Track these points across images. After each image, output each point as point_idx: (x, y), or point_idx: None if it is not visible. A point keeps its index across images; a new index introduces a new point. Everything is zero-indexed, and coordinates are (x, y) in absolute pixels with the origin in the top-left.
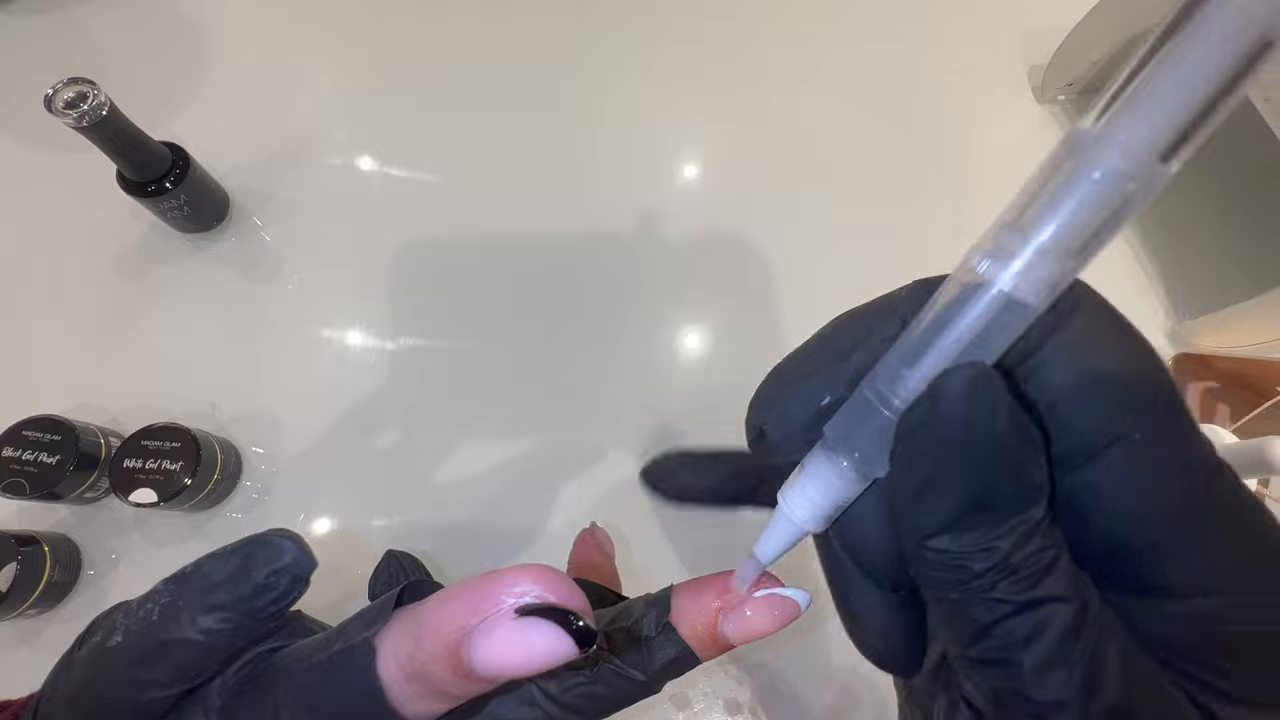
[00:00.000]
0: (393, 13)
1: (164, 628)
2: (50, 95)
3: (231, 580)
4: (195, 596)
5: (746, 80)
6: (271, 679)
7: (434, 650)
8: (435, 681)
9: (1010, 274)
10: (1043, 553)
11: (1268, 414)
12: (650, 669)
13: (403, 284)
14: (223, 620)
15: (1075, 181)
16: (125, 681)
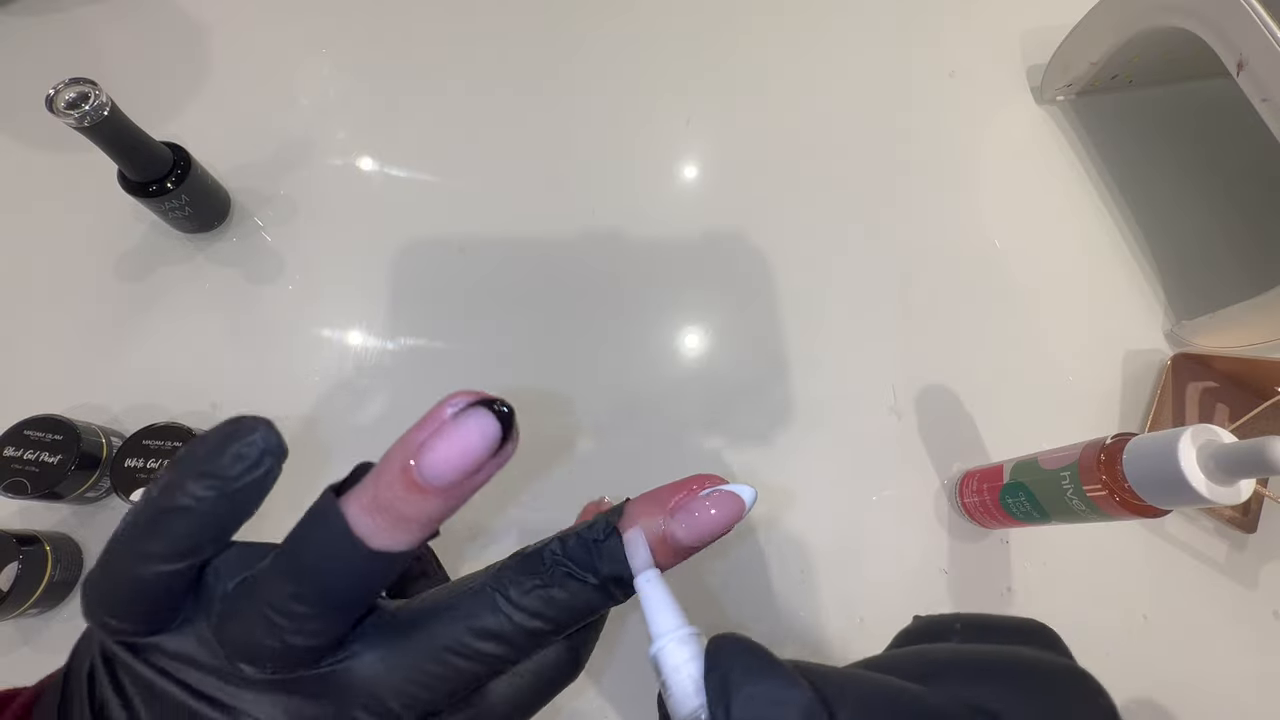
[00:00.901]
0: (393, 13)
1: (163, 499)
2: (51, 95)
3: (211, 453)
4: (184, 469)
5: (745, 79)
6: (256, 576)
7: (390, 479)
8: (395, 507)
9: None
10: None
11: (1267, 414)
12: (600, 572)
13: (403, 284)
14: (208, 487)
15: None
16: (132, 555)
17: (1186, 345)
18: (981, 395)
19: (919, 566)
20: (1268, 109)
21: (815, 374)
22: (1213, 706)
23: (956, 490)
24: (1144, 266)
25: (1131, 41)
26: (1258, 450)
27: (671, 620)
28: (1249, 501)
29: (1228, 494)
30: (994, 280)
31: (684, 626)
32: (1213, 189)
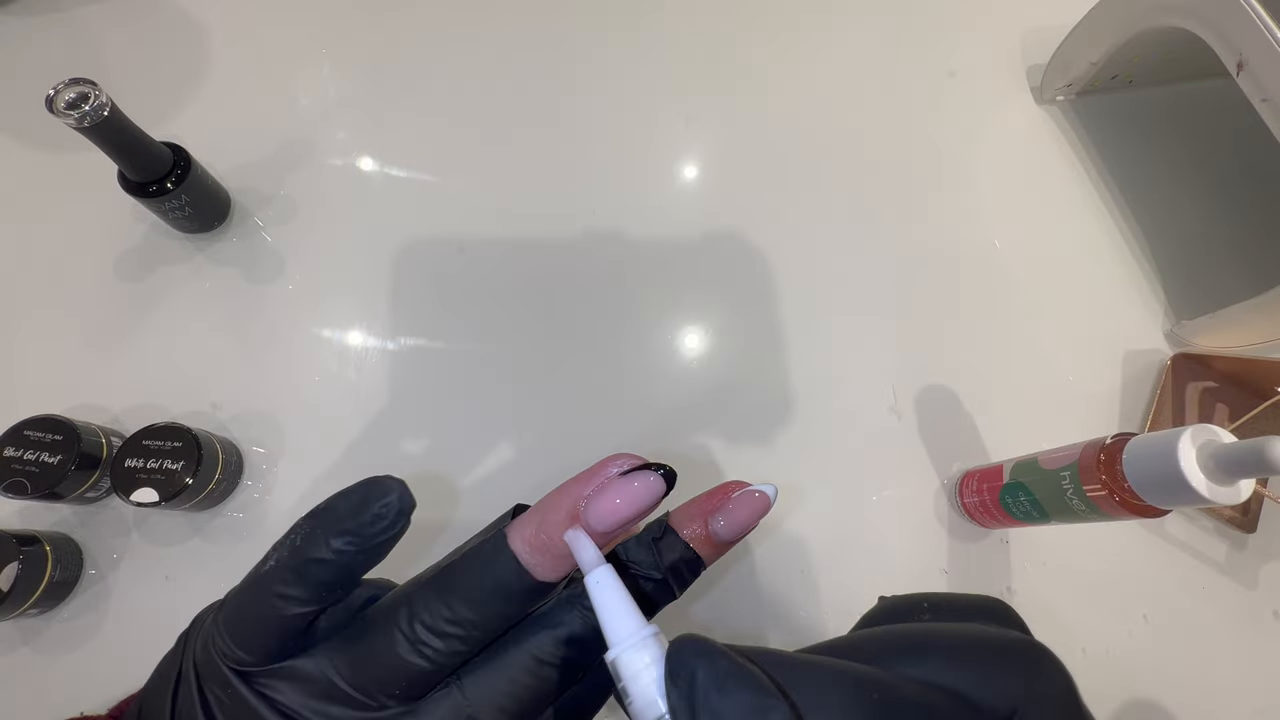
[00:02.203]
0: (393, 13)
1: (306, 550)
2: (51, 96)
3: (353, 511)
4: (328, 524)
5: (745, 80)
6: (392, 597)
7: (556, 521)
8: (557, 547)
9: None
10: None
11: (1267, 414)
12: (663, 566)
13: (403, 284)
14: (349, 543)
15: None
16: (273, 596)
17: (1186, 345)
18: (981, 395)
19: (919, 566)
20: (1268, 109)
21: (815, 374)
22: (1212, 706)
23: (956, 490)
24: (1144, 266)
25: (1131, 41)
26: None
27: (627, 623)
28: (1249, 501)
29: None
30: (994, 280)
31: (642, 628)
32: (1213, 189)
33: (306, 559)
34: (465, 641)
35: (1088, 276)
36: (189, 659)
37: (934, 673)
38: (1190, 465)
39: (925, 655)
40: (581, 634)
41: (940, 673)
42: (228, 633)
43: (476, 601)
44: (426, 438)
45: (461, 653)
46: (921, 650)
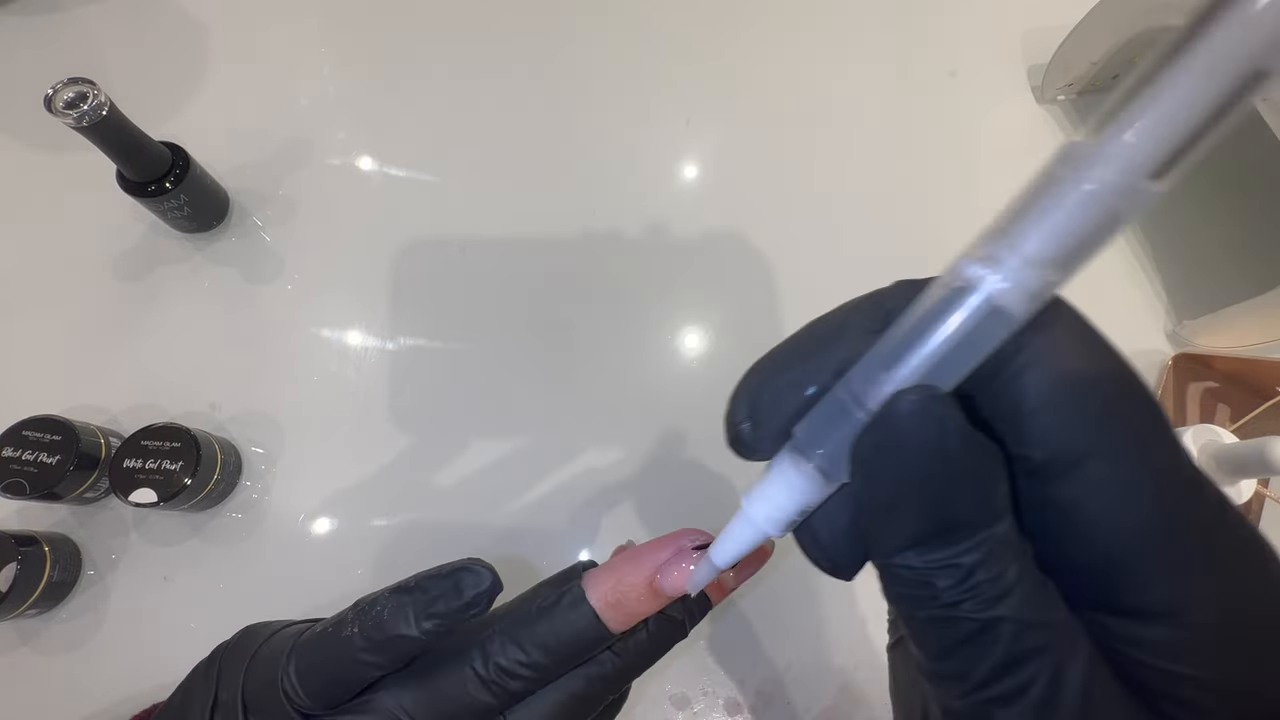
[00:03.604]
0: (393, 13)
1: (394, 625)
2: (50, 95)
3: (446, 596)
4: (419, 605)
5: (745, 79)
6: (461, 638)
7: (634, 583)
8: (630, 605)
9: (997, 282)
10: (1008, 569)
11: (1268, 414)
12: (681, 607)
13: (403, 284)
14: (438, 624)
15: (1066, 193)
16: (356, 662)
17: (1187, 345)
18: None
19: None
20: (1268, 109)
21: None
22: None
23: None
24: (1145, 266)
25: (1132, 41)
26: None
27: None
28: (1250, 502)
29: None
30: None
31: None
32: (1213, 189)
33: (392, 635)
34: (534, 683)
35: (1088, 276)
36: (232, 687)
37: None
38: None
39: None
40: (610, 673)
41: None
42: (300, 683)
43: (552, 649)
44: (426, 438)
45: (527, 692)
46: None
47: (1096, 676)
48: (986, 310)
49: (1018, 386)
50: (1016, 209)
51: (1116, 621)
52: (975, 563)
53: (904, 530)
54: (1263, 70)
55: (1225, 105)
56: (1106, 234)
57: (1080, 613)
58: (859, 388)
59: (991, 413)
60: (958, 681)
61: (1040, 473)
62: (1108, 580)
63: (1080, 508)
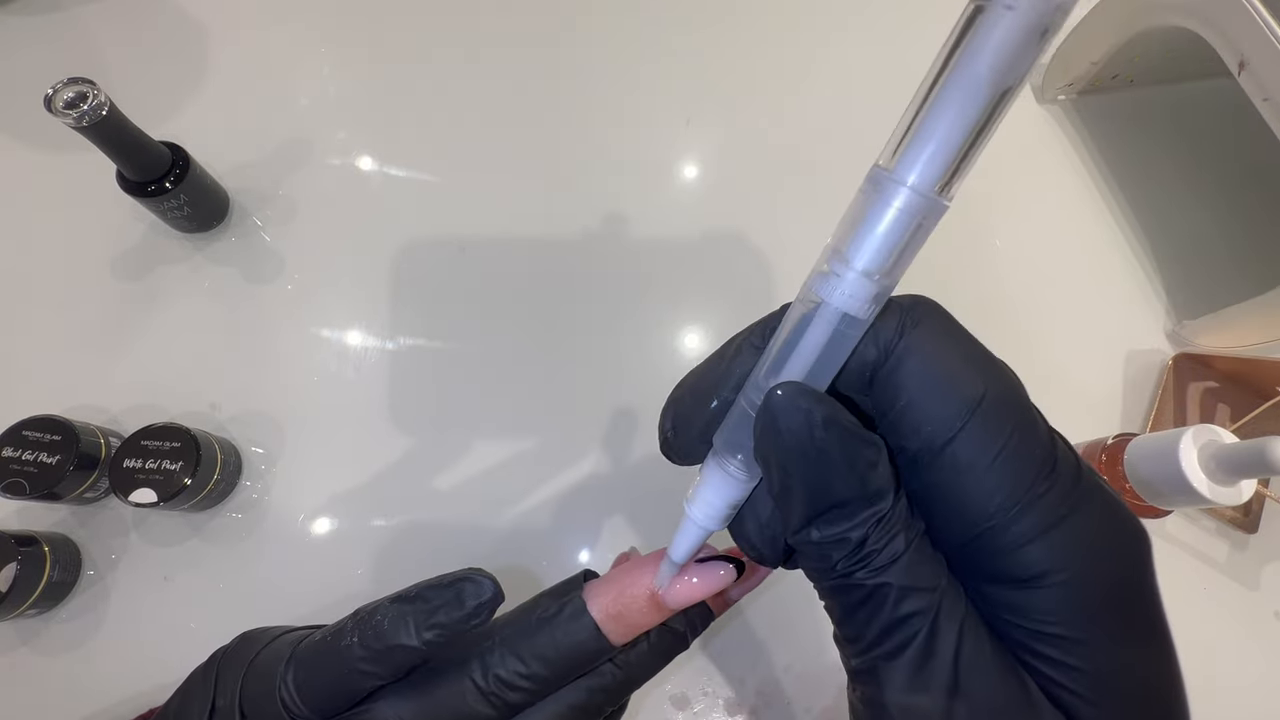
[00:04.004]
0: (393, 13)
1: (394, 635)
2: (50, 95)
3: (448, 606)
4: (419, 615)
5: (745, 79)
6: (462, 649)
7: (635, 594)
8: (631, 617)
9: (840, 294)
10: (893, 541)
11: (1268, 414)
12: (684, 619)
13: (403, 284)
14: (439, 635)
15: (878, 213)
16: (355, 671)
17: (1188, 345)
18: None
19: None
20: (1269, 109)
21: None
22: (1213, 707)
23: None
24: (1145, 266)
25: (1132, 41)
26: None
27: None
28: (1250, 502)
29: (1229, 494)
30: (994, 279)
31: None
32: (1214, 189)
33: (392, 645)
34: (534, 695)
35: (1089, 276)
36: (229, 693)
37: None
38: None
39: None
40: (610, 684)
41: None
42: (298, 692)
43: (552, 660)
44: (426, 438)
45: (526, 704)
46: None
47: (971, 635)
48: (838, 317)
49: (891, 385)
50: (845, 229)
51: (994, 589)
52: (862, 537)
53: (798, 510)
54: (1009, 88)
55: (986, 122)
56: (918, 241)
57: (968, 585)
58: (753, 395)
59: (874, 412)
60: (855, 642)
61: (917, 461)
62: (982, 551)
63: (952, 488)
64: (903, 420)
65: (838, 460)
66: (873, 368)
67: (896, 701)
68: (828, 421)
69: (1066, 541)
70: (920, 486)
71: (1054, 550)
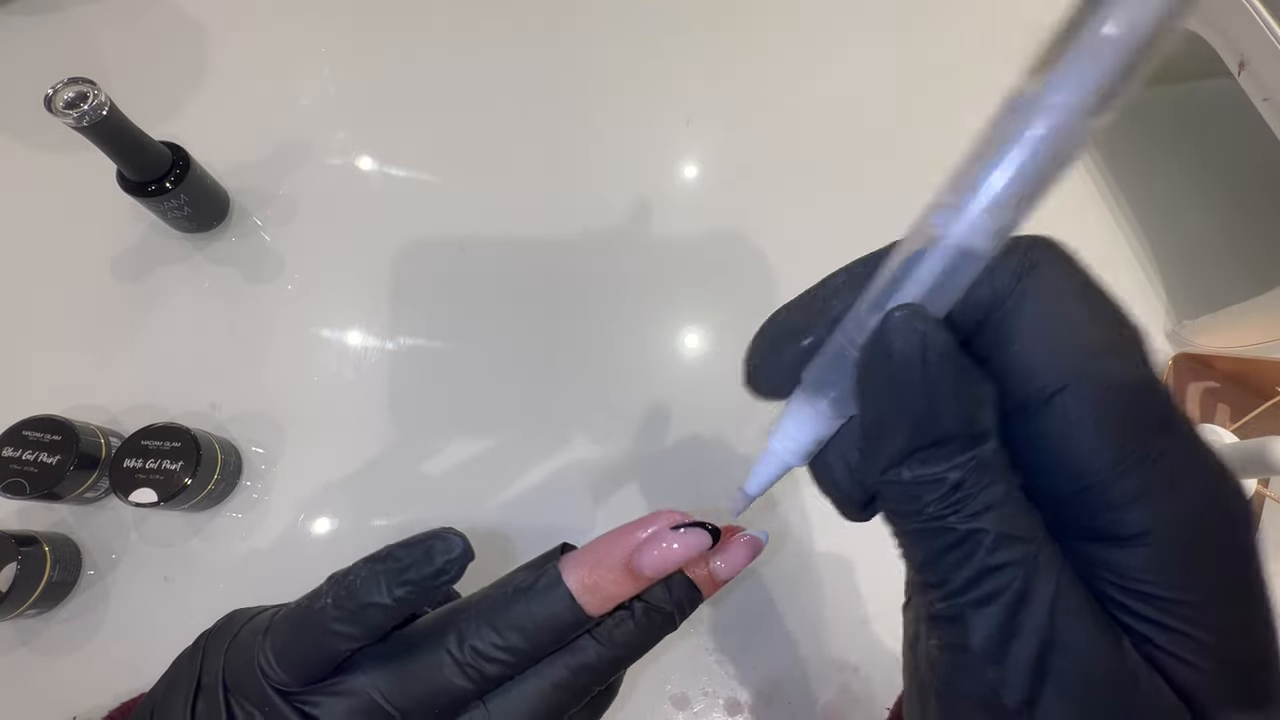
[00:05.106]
0: (393, 13)
1: (366, 594)
2: (50, 95)
3: (418, 564)
4: (390, 573)
5: (745, 79)
6: (437, 621)
7: (611, 564)
8: (607, 587)
9: (961, 225)
10: (990, 487)
11: (1268, 414)
12: (671, 599)
13: (403, 284)
14: (409, 592)
15: (1015, 140)
16: (330, 633)
17: (1188, 345)
18: None
19: None
20: (1269, 109)
21: None
22: None
23: None
24: (1145, 266)
25: None
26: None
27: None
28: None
29: None
30: None
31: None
32: (1214, 189)
33: (365, 604)
34: (511, 668)
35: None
36: (214, 670)
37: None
38: None
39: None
40: (595, 663)
41: None
42: (276, 659)
43: (529, 631)
44: (426, 437)
45: (504, 677)
46: None
47: (1068, 588)
48: (955, 252)
49: (1005, 329)
50: (974, 157)
51: (1091, 547)
52: (960, 479)
53: (895, 444)
54: (1174, 11)
55: (1147, 46)
56: (1054, 174)
57: (1064, 543)
58: (853, 332)
59: (985, 354)
60: (939, 587)
61: (1024, 408)
62: (1084, 507)
63: (1056, 441)
64: (1013, 366)
65: (946, 393)
66: (986, 309)
67: (985, 648)
68: (944, 351)
69: (1172, 502)
70: (1023, 437)
71: (1158, 510)
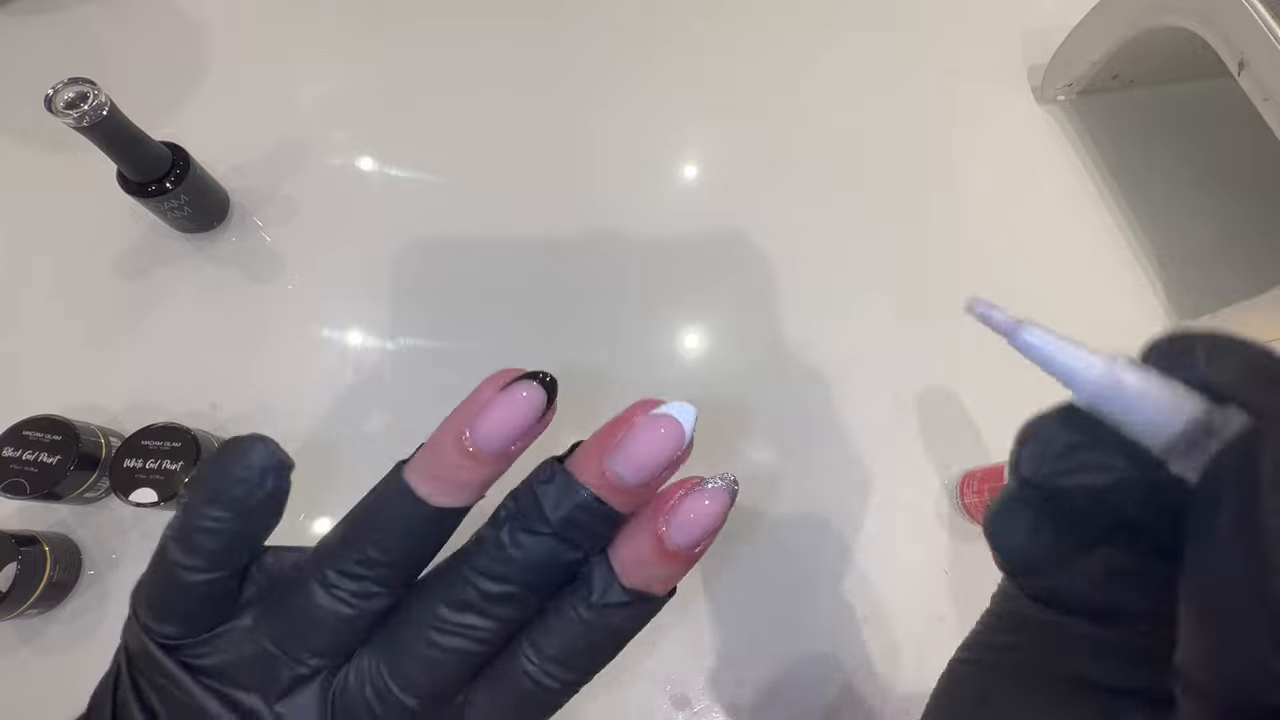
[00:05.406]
0: (393, 13)
1: (188, 520)
2: (50, 95)
3: (215, 478)
4: (200, 495)
5: (745, 80)
6: (309, 553)
7: (445, 450)
8: (450, 473)
9: None
10: None
11: None
12: (550, 518)
13: (403, 284)
14: (222, 509)
15: None
16: (174, 566)
17: None
18: (981, 395)
19: (920, 566)
20: (1269, 109)
21: (815, 374)
22: None
23: (957, 490)
24: (1145, 266)
25: (1132, 41)
26: None
27: (1085, 356)
28: None
29: None
30: (994, 279)
31: (1100, 355)
32: (1213, 188)
33: (192, 529)
34: (378, 581)
35: (1088, 276)
36: (121, 648)
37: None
38: None
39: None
40: (466, 599)
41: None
42: (148, 609)
43: (379, 539)
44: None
45: (377, 594)
46: None
47: None
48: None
49: None
50: None
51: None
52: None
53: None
54: None
55: None
56: None
57: None
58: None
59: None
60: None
61: None
62: None
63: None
64: None
65: None
66: None
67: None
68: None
69: None
70: None
71: None
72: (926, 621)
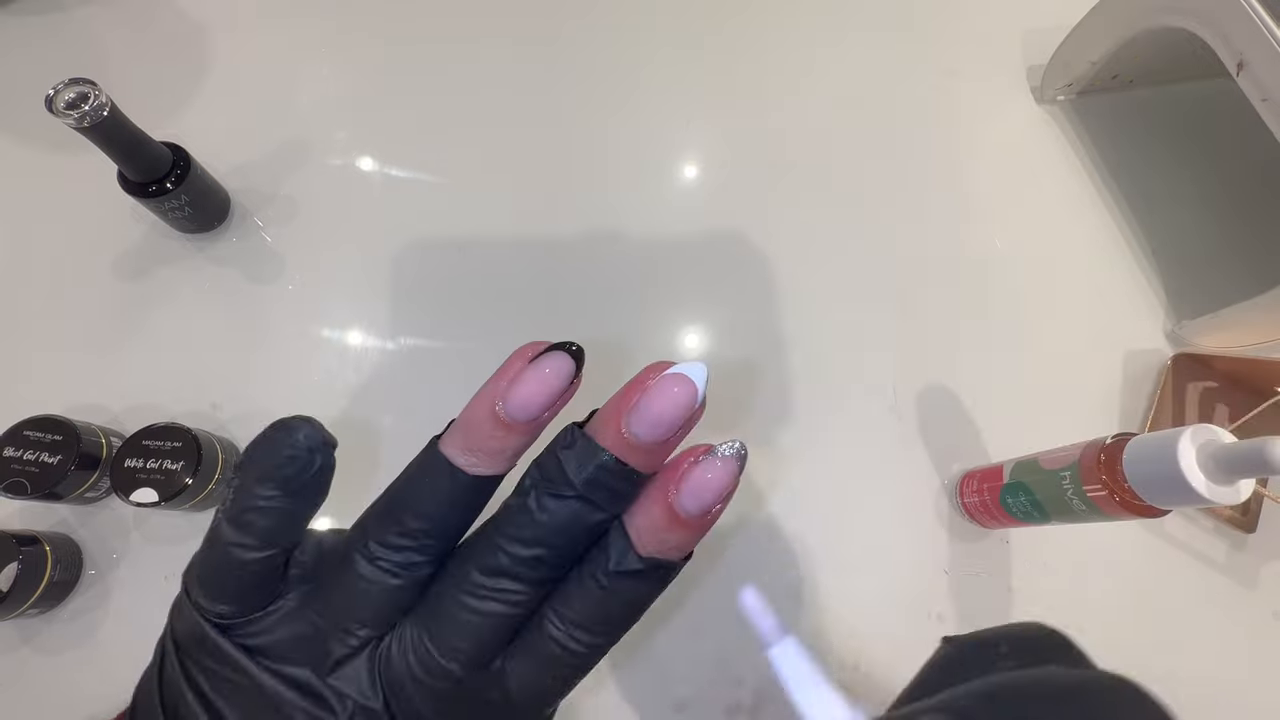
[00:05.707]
0: (393, 13)
1: (241, 500)
2: (51, 96)
3: (265, 458)
4: (249, 475)
5: (745, 80)
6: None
7: (479, 421)
8: (485, 443)
9: None
10: None
11: (1267, 414)
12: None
13: (404, 284)
14: (273, 488)
15: None
16: (228, 544)
17: (1187, 345)
18: (981, 395)
19: (919, 566)
20: (1268, 109)
21: (815, 374)
22: (1212, 706)
23: (956, 490)
24: (1144, 266)
25: (1131, 41)
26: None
27: None
28: (1248, 501)
29: (1227, 494)
30: (994, 279)
31: None
32: (1213, 189)
33: (244, 508)
34: (420, 551)
35: (1088, 276)
36: (167, 636)
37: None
38: (1190, 465)
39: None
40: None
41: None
42: (201, 588)
43: (420, 510)
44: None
45: (419, 563)
46: (1023, 706)
47: None
48: None
49: None
50: None
51: None
52: None
53: None
54: None
55: None
56: None
57: None
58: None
59: None
60: None
61: None
62: None
63: None
64: None
65: None
66: None
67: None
68: None
69: None
70: None
71: None
72: (926, 621)
